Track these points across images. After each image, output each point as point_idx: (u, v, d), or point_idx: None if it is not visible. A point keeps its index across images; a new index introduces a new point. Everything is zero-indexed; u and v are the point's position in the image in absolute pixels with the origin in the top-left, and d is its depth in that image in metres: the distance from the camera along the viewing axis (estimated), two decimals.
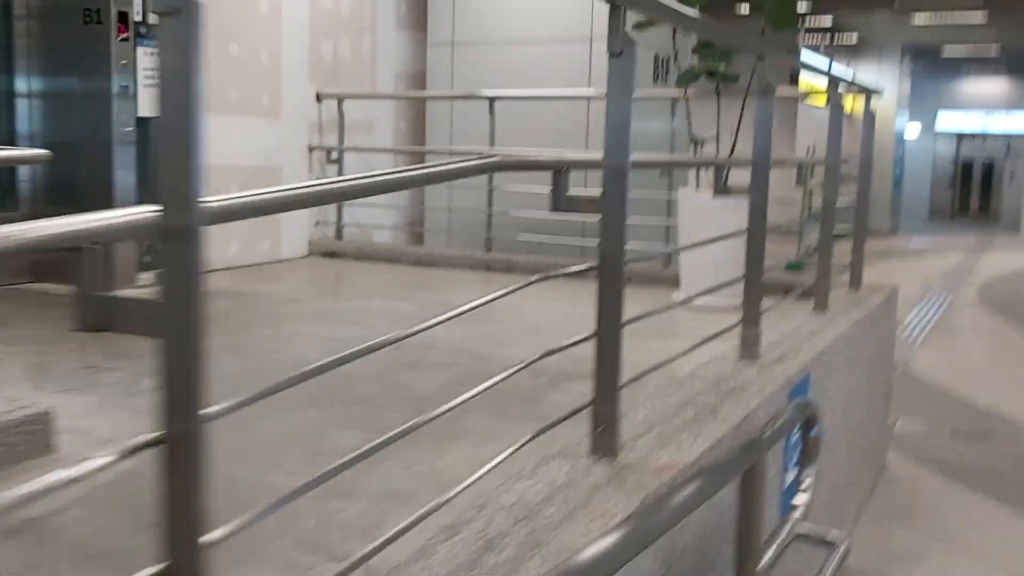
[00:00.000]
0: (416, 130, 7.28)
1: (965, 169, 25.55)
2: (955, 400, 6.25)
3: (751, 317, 2.86)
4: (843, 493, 3.72)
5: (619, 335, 1.94)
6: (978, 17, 14.58)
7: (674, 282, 4.67)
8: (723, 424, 2.22)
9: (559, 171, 1.95)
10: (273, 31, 5.78)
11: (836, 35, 17.43)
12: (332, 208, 6.23)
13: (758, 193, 2.85)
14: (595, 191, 1.97)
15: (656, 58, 6.79)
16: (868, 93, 4.42)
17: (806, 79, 15.17)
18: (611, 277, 1.93)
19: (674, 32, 4.35)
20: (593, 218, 1.92)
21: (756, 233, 2.86)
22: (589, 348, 1.98)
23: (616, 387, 1.94)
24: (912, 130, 24.25)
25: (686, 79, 4.29)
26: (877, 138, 18.45)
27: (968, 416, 5.87)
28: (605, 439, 1.94)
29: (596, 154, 1.94)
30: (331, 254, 6.08)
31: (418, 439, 2.57)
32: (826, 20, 15.46)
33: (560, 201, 1.97)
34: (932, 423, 5.64)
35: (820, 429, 2.36)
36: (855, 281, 4.46)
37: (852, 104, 19.76)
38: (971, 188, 25.54)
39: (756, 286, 2.87)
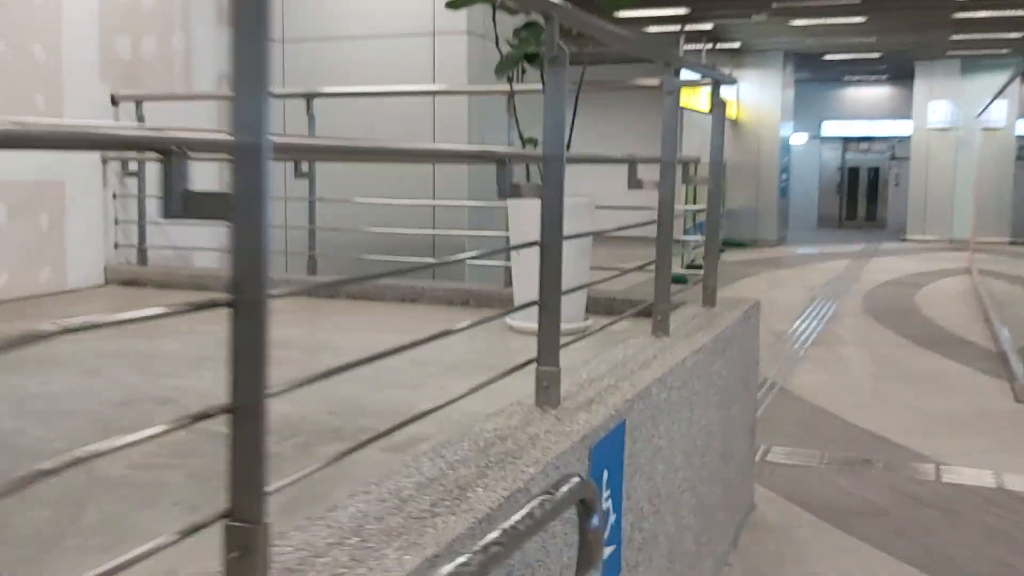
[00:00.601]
0: None
1: (852, 176, 25.79)
2: (834, 422, 5.76)
3: (547, 353, 2.22)
4: (692, 554, 3.11)
5: (263, 407, 1.26)
6: (857, 21, 14.48)
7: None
8: (464, 518, 1.55)
9: (169, 155, 1.25)
10: (51, 24, 4.95)
11: (718, 41, 17.23)
12: (135, 228, 5.42)
13: (553, 194, 2.21)
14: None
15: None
16: (715, 83, 3.85)
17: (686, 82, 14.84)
18: (248, 315, 1.25)
19: (493, 13, 3.71)
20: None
21: (551, 245, 2.22)
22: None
23: (261, 491, 1.25)
24: (798, 137, 24.38)
25: (504, 66, 3.65)
26: (764, 147, 18.22)
27: (847, 440, 5.37)
28: (243, 573, 1.25)
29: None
30: (132, 282, 5.26)
31: (57, 547, 1.81)
32: (706, 25, 15.19)
33: (173, 202, 1.26)
34: (808, 450, 5.11)
35: (601, 518, 1.71)
36: (709, 297, 3.88)
37: (738, 111, 19.71)
38: (858, 195, 25.78)
39: (552, 312, 2.23)
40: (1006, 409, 6.08)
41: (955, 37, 16.26)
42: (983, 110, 16.65)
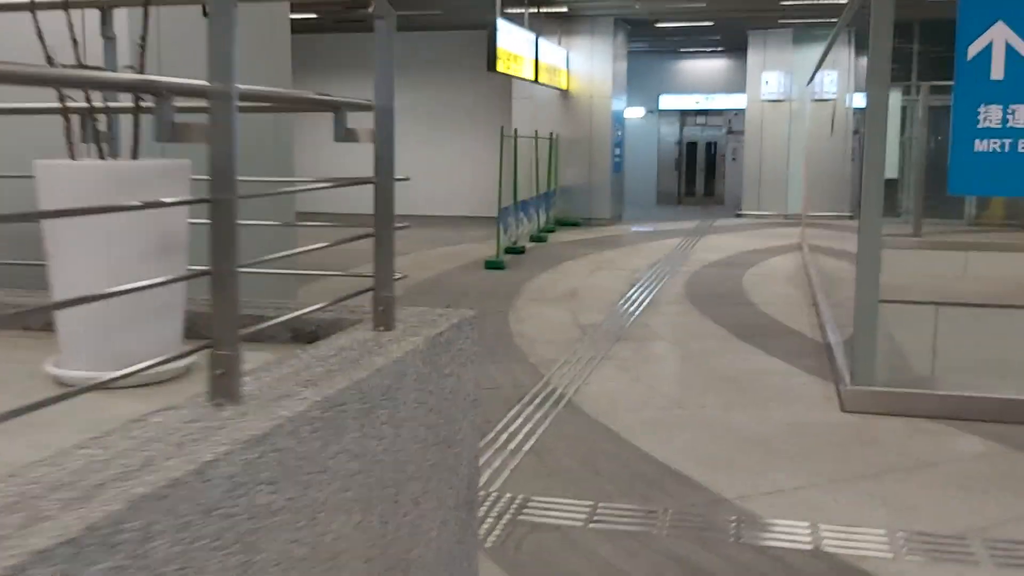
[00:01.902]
0: None
1: (690, 151, 25.25)
2: (621, 450, 4.57)
3: None
4: None
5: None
6: None
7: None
8: None
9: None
10: None
11: (542, 5, 16.06)
12: None
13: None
14: None
15: None
16: None
17: (509, 47, 13.63)
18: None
19: None
20: None
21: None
22: None
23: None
24: (634, 112, 23.65)
25: None
26: (596, 120, 17.26)
27: (632, 478, 4.18)
28: None
29: None
30: None
31: None
32: None
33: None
34: (577, 500, 3.88)
35: None
36: (382, 315, 2.53)
37: (570, 82, 18.65)
38: (696, 170, 25.27)
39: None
40: (830, 423, 5.04)
41: (786, 3, 15.59)
42: (809, 80, 16.10)
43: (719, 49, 23.46)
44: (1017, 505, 3.84)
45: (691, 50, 23.94)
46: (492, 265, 11.45)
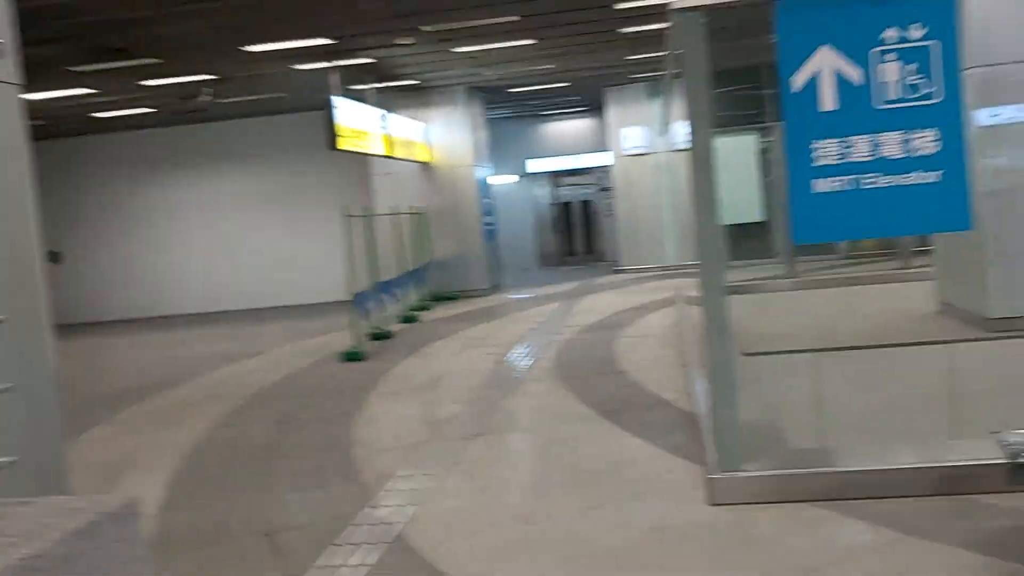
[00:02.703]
0: None
1: (565, 211, 24.91)
2: None
3: None
4: None
5: None
6: (526, 43, 13.11)
7: None
8: None
9: None
10: None
11: (391, 79, 15.45)
12: None
13: None
14: None
15: None
16: None
17: (351, 124, 12.91)
18: None
19: None
20: None
21: None
22: None
23: None
24: (506, 178, 23.26)
25: None
26: (461, 191, 16.68)
27: None
28: None
29: None
30: None
31: None
32: (362, 59, 13.31)
33: None
34: None
35: None
36: None
37: (431, 154, 18.09)
38: (573, 230, 24.92)
39: None
40: (697, 522, 4.31)
41: (631, 57, 15.34)
42: (662, 132, 15.86)
43: (581, 109, 23.29)
44: None
45: (553, 112, 23.73)
46: (350, 357, 10.57)
